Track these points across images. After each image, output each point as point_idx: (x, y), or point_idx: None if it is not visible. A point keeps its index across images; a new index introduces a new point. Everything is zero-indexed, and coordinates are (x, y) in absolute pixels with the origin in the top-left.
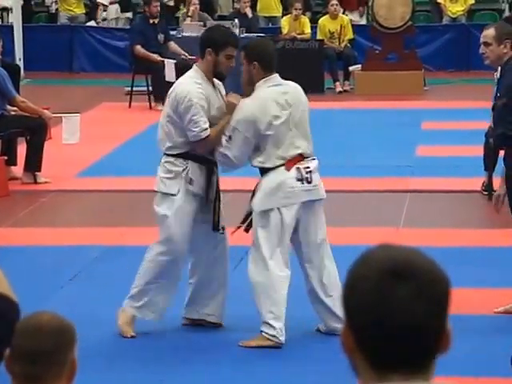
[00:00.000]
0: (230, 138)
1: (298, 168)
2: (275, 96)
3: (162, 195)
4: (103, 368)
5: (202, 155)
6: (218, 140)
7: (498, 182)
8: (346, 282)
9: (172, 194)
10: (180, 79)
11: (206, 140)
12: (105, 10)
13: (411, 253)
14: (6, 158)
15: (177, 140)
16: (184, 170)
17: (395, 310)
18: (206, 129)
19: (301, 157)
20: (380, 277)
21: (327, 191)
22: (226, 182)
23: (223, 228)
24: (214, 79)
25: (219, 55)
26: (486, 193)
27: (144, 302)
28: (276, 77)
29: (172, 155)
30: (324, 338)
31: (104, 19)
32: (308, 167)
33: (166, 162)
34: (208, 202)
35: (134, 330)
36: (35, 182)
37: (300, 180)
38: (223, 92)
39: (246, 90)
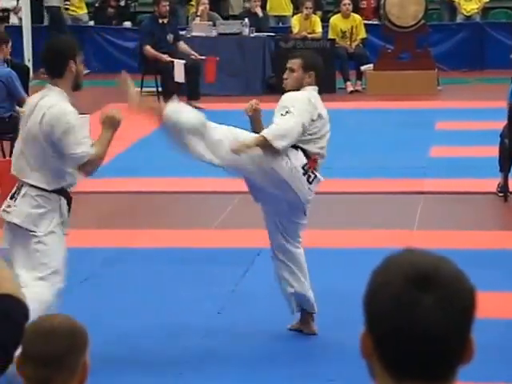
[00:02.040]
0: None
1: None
2: (321, 101)
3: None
4: (114, 371)
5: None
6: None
7: None
8: (369, 287)
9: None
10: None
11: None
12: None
13: (436, 260)
14: None
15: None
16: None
17: (417, 319)
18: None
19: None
20: (403, 284)
21: (339, 193)
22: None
23: None
24: None
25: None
26: (501, 194)
27: None
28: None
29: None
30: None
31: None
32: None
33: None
34: None
35: None
36: None
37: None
38: None
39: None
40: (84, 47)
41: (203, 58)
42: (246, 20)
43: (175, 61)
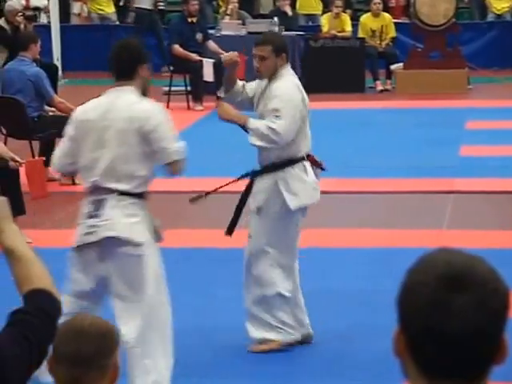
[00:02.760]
0: (276, 117)
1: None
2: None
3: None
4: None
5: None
6: None
7: None
8: (403, 286)
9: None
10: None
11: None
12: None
13: (471, 259)
14: (44, 158)
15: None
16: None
17: (451, 319)
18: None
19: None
20: (438, 283)
21: (367, 193)
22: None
23: None
24: None
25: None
26: None
27: None
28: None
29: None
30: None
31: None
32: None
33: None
34: None
35: None
36: (73, 184)
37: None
38: None
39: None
40: (111, 46)
41: None
42: (276, 19)
43: (204, 60)
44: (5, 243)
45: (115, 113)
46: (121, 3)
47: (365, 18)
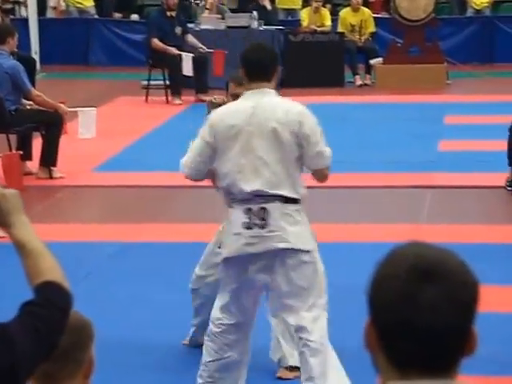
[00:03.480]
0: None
1: None
2: None
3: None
4: (119, 368)
5: None
6: None
7: None
8: (373, 279)
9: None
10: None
11: None
12: None
13: (441, 252)
14: (21, 152)
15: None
16: None
17: (421, 312)
18: None
19: None
20: (408, 276)
21: (346, 187)
22: None
23: None
24: None
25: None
26: (510, 188)
27: None
28: None
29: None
30: None
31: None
32: None
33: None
34: None
35: None
36: (50, 177)
37: None
38: None
39: None
40: (91, 40)
41: (211, 51)
42: (255, 13)
43: (183, 54)
44: (16, 237)
45: (264, 115)
46: None
47: (344, 12)
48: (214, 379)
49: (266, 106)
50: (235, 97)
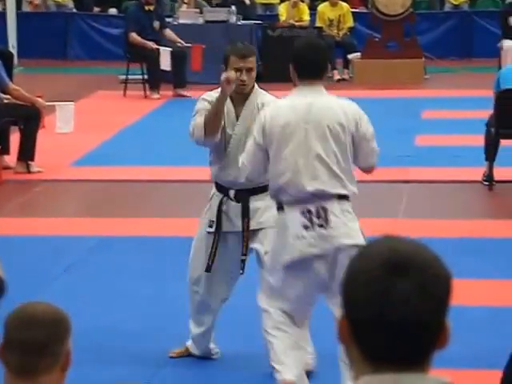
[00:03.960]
0: None
1: None
2: None
3: None
4: (97, 360)
5: None
6: None
7: (498, 172)
8: (347, 273)
9: None
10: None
11: None
12: None
13: (414, 246)
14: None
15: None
16: None
17: (395, 305)
18: None
19: None
20: (381, 270)
21: None
22: None
23: None
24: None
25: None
26: (486, 183)
27: None
28: None
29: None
30: None
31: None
32: None
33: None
34: None
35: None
36: (28, 172)
37: None
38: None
39: None
40: (68, 34)
41: (189, 45)
42: (233, 7)
43: (161, 48)
44: None
45: (322, 114)
46: None
47: (322, 7)
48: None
49: (324, 105)
50: (237, 70)
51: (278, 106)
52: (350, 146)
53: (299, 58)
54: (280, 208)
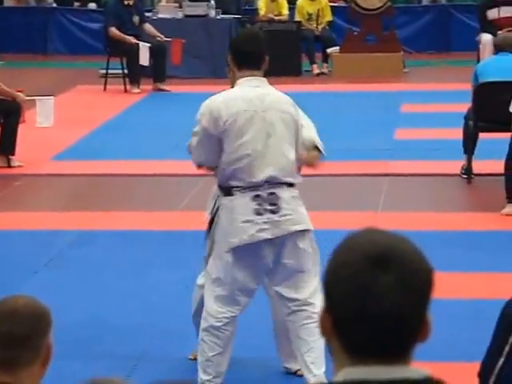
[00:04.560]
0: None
1: None
2: None
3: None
4: (77, 354)
5: None
6: None
7: (477, 165)
8: (328, 267)
9: None
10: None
11: None
12: None
13: (395, 239)
14: None
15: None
16: None
17: (376, 298)
18: None
19: None
20: (362, 264)
21: (304, 176)
22: None
23: None
24: None
25: None
26: (465, 176)
27: None
28: None
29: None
30: None
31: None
32: None
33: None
34: None
35: None
36: (9, 166)
37: None
38: None
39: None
40: (48, 29)
41: (169, 39)
42: (212, 2)
43: (140, 44)
44: None
45: (276, 103)
46: None
47: (301, 1)
48: (220, 374)
49: (275, 94)
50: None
51: (229, 97)
52: (293, 136)
53: (238, 50)
54: (228, 194)
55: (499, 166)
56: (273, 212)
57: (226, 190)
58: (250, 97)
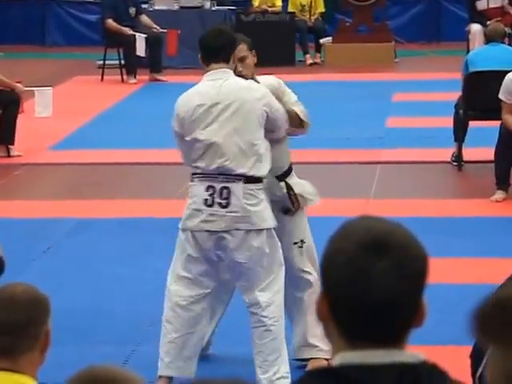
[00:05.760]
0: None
1: None
2: None
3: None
4: (75, 340)
5: None
6: None
7: (467, 152)
8: (325, 253)
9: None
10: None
11: None
12: None
13: (391, 226)
14: None
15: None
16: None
17: (372, 284)
18: None
19: None
20: (358, 250)
21: (299, 163)
22: None
23: None
24: None
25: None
26: (455, 163)
27: None
28: None
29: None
30: None
31: None
32: None
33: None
34: None
35: None
36: (8, 156)
37: None
38: None
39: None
40: (46, 20)
41: (165, 31)
42: None
43: (137, 35)
44: None
45: (231, 93)
46: None
47: None
48: (186, 359)
49: (232, 85)
50: (241, 59)
51: (186, 94)
52: (260, 127)
53: (201, 45)
54: (191, 181)
55: (489, 154)
56: (222, 206)
57: (191, 176)
58: (206, 90)
